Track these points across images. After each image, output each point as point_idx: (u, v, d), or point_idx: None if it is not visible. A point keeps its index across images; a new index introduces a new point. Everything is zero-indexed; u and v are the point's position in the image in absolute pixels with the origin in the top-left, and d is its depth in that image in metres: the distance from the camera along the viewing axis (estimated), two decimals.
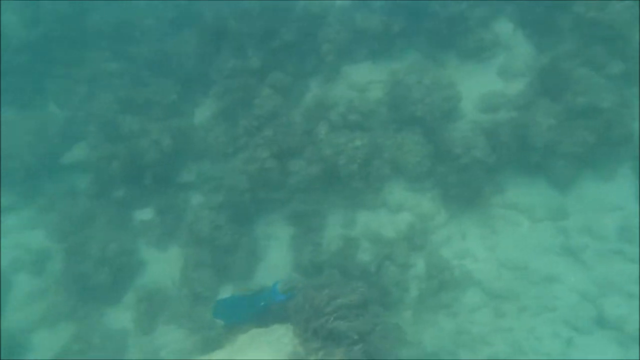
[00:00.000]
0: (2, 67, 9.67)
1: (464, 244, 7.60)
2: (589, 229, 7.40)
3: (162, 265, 8.37)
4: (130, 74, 9.91)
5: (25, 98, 10.01)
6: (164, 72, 9.69)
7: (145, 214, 8.77)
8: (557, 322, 6.84)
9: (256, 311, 6.73)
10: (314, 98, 8.71)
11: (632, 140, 7.62)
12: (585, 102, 7.56)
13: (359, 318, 5.73)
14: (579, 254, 7.25)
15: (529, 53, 8.64)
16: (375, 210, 8.00)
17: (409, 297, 7.18)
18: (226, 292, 7.87)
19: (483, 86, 8.54)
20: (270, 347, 5.75)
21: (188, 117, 9.39)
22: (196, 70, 9.54)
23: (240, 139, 8.49)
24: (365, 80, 8.89)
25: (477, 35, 8.71)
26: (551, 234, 7.54)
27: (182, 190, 8.78)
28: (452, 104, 8.21)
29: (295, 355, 5.57)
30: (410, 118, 8.14)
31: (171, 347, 7.60)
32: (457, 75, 8.63)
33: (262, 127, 8.29)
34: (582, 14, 8.05)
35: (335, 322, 5.56)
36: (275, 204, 8.26)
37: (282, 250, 8.09)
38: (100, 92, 9.54)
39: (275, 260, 8.03)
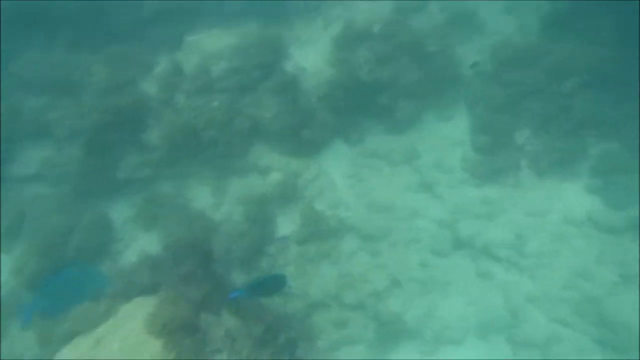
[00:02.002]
0: None
1: (334, 194, 8.00)
2: (438, 164, 8.30)
3: None
4: None
5: None
6: None
7: None
8: (422, 250, 7.63)
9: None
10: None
11: (461, 81, 8.64)
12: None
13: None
14: (433, 188, 8.11)
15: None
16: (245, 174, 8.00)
17: (290, 253, 7.38)
18: None
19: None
20: None
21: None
22: None
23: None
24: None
25: None
26: (408, 173, 8.30)
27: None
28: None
29: None
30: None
31: None
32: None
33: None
34: None
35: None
36: None
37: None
38: None
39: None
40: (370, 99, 8.40)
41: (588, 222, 7.41)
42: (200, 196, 7.87)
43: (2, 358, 6.62)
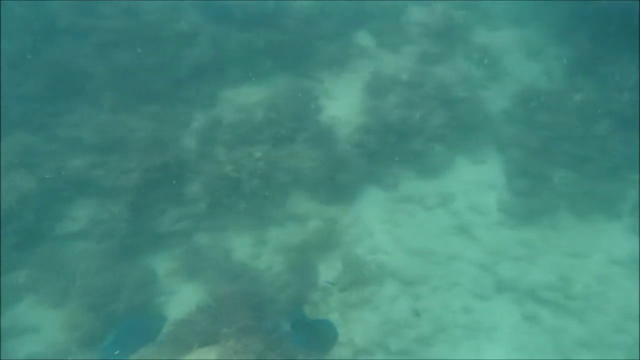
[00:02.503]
0: None
1: (372, 240, 8.02)
2: (474, 207, 8.34)
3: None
4: None
5: None
6: None
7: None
8: (464, 294, 7.55)
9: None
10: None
11: (490, 124, 8.82)
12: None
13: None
14: (470, 231, 8.12)
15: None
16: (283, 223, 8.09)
17: (333, 299, 7.34)
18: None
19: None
20: None
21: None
22: None
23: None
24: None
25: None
26: (444, 217, 8.33)
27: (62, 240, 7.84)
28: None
29: None
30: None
31: None
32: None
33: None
34: None
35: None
36: None
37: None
38: None
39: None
40: (402, 144, 8.55)
41: (633, 263, 7.33)
42: (241, 246, 7.91)
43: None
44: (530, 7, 9.84)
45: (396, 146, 8.61)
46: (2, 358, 6.66)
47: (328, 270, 7.58)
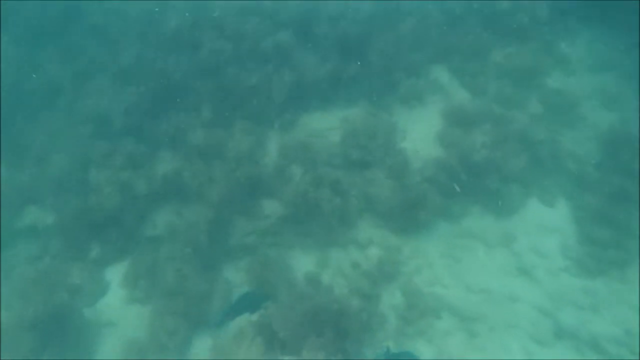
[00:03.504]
0: None
1: (432, 272, 8.14)
2: (537, 249, 8.28)
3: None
4: None
5: None
6: None
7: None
8: (523, 337, 7.48)
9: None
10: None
11: (565, 168, 8.79)
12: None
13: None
14: (531, 273, 8.05)
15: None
16: (346, 247, 8.38)
17: (389, 327, 7.49)
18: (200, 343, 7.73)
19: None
20: None
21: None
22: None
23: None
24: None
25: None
26: (505, 256, 8.32)
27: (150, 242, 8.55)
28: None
29: None
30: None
31: None
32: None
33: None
34: None
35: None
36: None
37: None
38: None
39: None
40: (478, 181, 8.69)
41: None
42: (303, 265, 8.27)
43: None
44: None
45: (471, 182, 8.74)
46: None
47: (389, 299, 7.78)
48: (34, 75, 10.32)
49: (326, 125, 9.40)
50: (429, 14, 10.54)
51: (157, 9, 10.59)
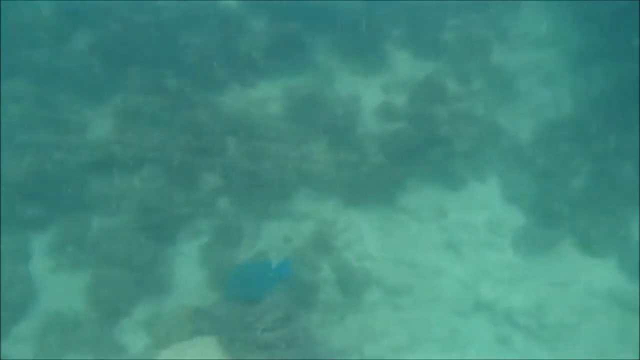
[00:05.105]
0: None
1: (363, 246, 8.35)
2: (465, 225, 8.59)
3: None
4: None
5: None
6: None
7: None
8: (444, 309, 7.87)
9: (272, 284, 6.95)
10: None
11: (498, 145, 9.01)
12: None
13: (284, 328, 6.22)
14: (458, 248, 8.39)
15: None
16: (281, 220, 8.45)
17: (316, 300, 7.72)
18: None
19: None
20: None
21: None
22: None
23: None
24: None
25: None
26: (435, 231, 8.60)
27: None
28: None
29: None
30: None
31: None
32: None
33: None
34: None
35: (264, 333, 6.02)
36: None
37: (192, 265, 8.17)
38: None
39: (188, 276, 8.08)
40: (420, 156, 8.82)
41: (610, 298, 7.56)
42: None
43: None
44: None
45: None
46: None
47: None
48: None
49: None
50: None
51: None
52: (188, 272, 7.97)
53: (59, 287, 7.85)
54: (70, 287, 7.83)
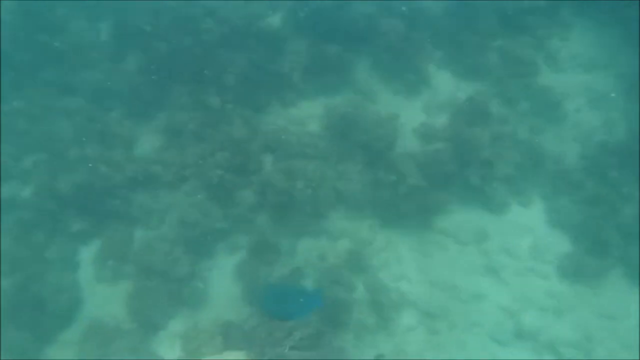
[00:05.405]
0: None
1: (399, 267, 8.18)
2: (507, 250, 8.28)
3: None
4: None
5: None
6: None
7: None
8: (483, 336, 7.56)
9: (302, 310, 6.80)
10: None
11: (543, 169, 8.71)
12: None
13: (313, 347, 6.15)
14: (499, 273, 8.08)
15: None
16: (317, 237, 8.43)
17: (350, 320, 7.59)
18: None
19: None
20: None
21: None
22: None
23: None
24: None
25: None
26: (475, 255, 8.33)
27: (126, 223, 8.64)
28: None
29: None
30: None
31: None
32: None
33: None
34: None
35: (290, 351, 5.97)
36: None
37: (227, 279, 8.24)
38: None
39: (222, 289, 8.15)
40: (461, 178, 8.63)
41: None
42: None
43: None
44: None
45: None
46: None
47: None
48: None
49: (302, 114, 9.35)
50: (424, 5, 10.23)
51: None
52: (223, 286, 8.05)
53: (102, 297, 8.13)
54: (111, 297, 8.09)
